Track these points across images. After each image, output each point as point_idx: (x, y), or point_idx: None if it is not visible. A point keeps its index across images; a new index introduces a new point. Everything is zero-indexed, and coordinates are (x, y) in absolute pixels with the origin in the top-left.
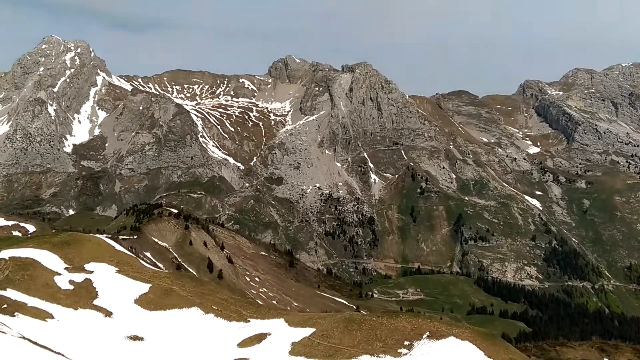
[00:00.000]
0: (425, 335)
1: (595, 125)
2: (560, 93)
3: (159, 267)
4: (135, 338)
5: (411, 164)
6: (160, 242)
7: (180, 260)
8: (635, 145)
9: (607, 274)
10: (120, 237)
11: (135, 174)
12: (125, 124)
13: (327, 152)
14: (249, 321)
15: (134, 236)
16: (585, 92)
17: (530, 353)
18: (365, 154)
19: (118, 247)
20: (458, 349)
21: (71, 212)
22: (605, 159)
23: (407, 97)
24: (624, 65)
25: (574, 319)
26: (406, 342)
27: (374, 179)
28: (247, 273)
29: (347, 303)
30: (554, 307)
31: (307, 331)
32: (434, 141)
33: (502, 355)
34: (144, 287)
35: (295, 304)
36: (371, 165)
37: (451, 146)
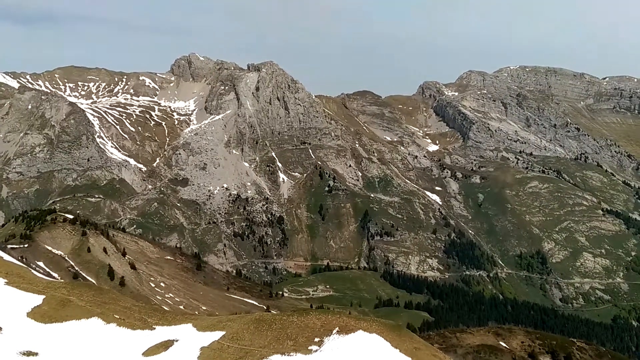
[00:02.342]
0: (334, 331)
1: (488, 124)
2: (456, 94)
3: (53, 277)
4: (29, 354)
5: (319, 162)
6: (54, 250)
7: (77, 268)
8: (523, 143)
9: (501, 262)
10: (9, 246)
11: (25, 177)
12: (12, 124)
13: (234, 151)
14: (154, 328)
15: (24, 245)
16: (478, 93)
17: (433, 341)
18: (273, 154)
19: (6, 257)
20: (366, 342)
21: None
22: (496, 156)
23: (314, 97)
24: (512, 68)
25: (472, 306)
26: (316, 339)
27: (283, 179)
28: (152, 279)
29: (257, 304)
30: (454, 296)
31: (217, 335)
32: (341, 140)
33: (408, 345)
34: (37, 299)
35: (204, 308)
36: (279, 165)
37: (357, 145)
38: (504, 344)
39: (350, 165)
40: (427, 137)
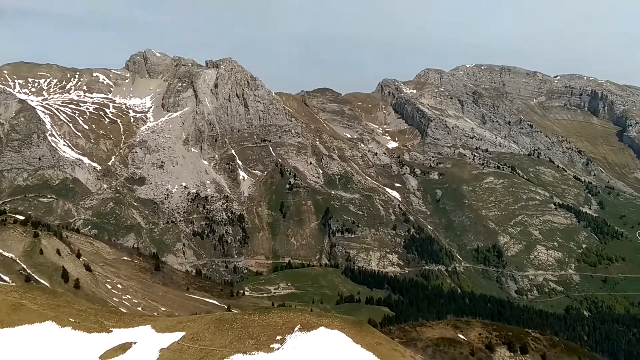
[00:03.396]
0: (296, 328)
1: (445, 121)
2: (414, 91)
3: (4, 281)
4: None
5: (279, 160)
6: (5, 253)
7: (29, 271)
8: (479, 139)
9: (459, 256)
10: None
11: None
12: None
13: (193, 149)
14: (111, 331)
15: None
16: (436, 90)
17: (394, 335)
18: (233, 151)
19: None
20: (328, 338)
21: None
22: (454, 152)
23: (274, 94)
24: (467, 66)
25: (431, 300)
26: (278, 337)
27: (243, 176)
28: (108, 280)
29: (218, 303)
30: (413, 291)
31: (176, 336)
32: (301, 137)
33: (369, 340)
34: None
35: (163, 309)
36: (239, 163)
37: (317, 142)
38: (462, 336)
39: (311, 163)
40: (386, 134)
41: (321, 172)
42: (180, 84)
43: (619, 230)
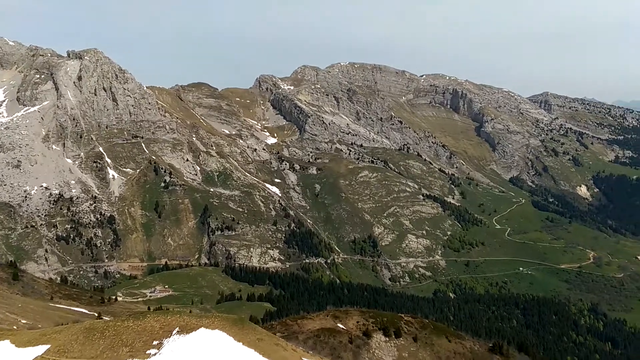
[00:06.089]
0: (175, 332)
1: (322, 117)
2: (292, 88)
3: None
4: None
5: (153, 157)
6: None
7: None
8: (354, 135)
9: (337, 248)
10: None
11: None
12: None
13: (54, 147)
14: None
15: None
16: (313, 87)
17: (275, 330)
18: (101, 149)
19: None
20: (209, 338)
21: None
22: (331, 147)
23: (145, 88)
24: (342, 64)
25: (312, 292)
26: (155, 342)
27: (113, 175)
28: None
29: (87, 312)
30: (294, 285)
31: (40, 349)
32: (176, 134)
33: (251, 337)
34: None
35: (24, 322)
36: (108, 161)
37: (194, 138)
38: (341, 326)
39: (187, 160)
40: (265, 130)
41: (199, 169)
42: (38, 76)
43: (478, 218)
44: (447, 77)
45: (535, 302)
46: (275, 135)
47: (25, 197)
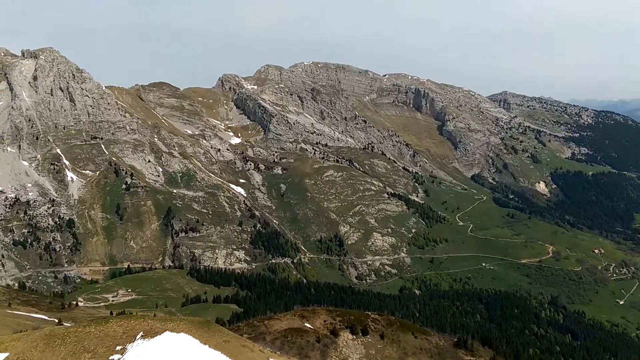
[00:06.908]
0: (138, 336)
1: (286, 117)
2: (255, 87)
3: None
4: None
5: (113, 159)
6: None
7: None
8: (319, 134)
9: (303, 248)
10: None
11: None
12: None
13: (9, 149)
14: None
15: None
16: (276, 87)
17: (242, 332)
18: (58, 150)
19: None
20: (174, 342)
21: None
22: (296, 147)
23: (104, 88)
24: (305, 63)
25: (279, 293)
26: (118, 347)
27: (71, 177)
28: None
29: (47, 318)
30: (261, 285)
31: None
32: (137, 134)
33: (217, 339)
34: None
35: None
36: (66, 163)
37: (156, 139)
38: (308, 325)
39: (149, 161)
40: (229, 130)
41: (161, 170)
42: None
43: (441, 215)
44: (410, 77)
45: (498, 296)
46: (240, 135)
47: None
